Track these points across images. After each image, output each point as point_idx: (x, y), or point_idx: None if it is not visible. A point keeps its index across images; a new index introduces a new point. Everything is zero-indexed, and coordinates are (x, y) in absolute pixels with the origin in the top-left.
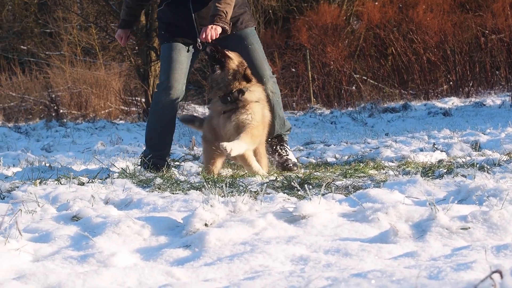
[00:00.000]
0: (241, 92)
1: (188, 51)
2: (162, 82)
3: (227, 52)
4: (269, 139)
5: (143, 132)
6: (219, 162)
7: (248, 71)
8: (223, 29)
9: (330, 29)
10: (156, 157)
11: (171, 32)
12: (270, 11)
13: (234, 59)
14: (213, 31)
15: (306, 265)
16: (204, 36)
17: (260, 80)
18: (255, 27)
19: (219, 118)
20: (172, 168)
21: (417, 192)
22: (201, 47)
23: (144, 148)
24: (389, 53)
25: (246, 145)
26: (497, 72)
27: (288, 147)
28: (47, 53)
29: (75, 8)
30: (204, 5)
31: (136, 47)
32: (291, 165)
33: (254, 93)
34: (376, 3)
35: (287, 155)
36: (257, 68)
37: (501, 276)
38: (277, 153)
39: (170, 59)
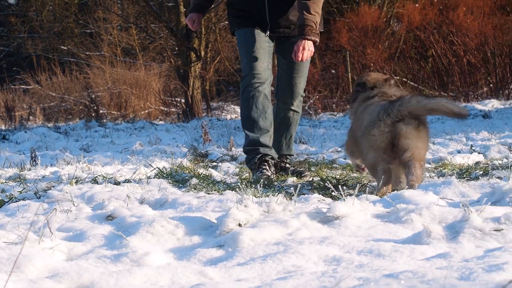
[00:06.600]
0: None
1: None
2: (246, 74)
3: None
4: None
5: (182, 132)
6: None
7: None
8: (314, 42)
9: (370, 31)
10: (267, 154)
11: (243, 18)
12: None
13: None
14: (308, 53)
15: (338, 265)
16: (298, 58)
17: (292, 95)
18: None
19: None
20: (209, 169)
21: (451, 193)
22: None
23: (248, 148)
24: (429, 55)
25: None
26: None
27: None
28: (87, 53)
29: (115, 8)
30: None
31: (176, 48)
32: (301, 169)
33: None
34: (417, 5)
35: (291, 165)
36: (296, 83)
37: None
38: (282, 169)
39: (249, 44)
